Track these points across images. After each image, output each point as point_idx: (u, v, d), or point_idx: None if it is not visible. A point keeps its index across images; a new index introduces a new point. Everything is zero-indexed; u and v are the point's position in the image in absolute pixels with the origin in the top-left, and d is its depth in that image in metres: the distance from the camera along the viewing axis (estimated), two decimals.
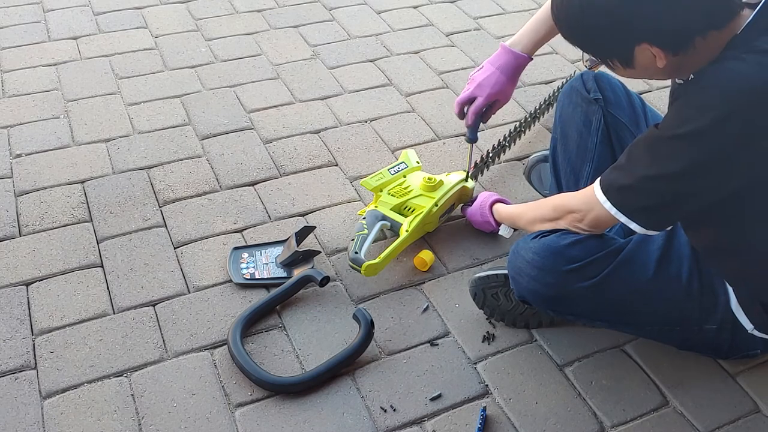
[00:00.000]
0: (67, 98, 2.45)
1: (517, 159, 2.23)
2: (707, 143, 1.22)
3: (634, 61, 1.28)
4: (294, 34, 2.85)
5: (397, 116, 2.42)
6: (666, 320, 1.51)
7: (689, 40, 1.22)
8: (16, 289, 1.79)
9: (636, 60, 1.28)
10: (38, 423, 1.51)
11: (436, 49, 2.79)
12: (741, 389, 1.60)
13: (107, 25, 2.86)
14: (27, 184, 2.10)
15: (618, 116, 1.76)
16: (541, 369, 1.63)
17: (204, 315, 1.74)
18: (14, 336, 1.68)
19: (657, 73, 1.30)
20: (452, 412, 1.55)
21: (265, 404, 1.56)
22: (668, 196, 1.30)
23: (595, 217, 1.41)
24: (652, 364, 1.64)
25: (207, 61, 2.67)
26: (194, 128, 2.34)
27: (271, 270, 1.83)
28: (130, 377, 1.60)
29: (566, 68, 2.68)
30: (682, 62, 1.26)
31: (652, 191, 1.31)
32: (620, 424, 1.53)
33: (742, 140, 1.21)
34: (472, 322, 1.73)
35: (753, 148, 1.22)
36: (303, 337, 1.69)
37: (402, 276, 1.85)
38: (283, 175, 2.16)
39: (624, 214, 1.35)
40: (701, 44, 1.23)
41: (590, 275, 1.46)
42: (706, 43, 1.23)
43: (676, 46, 1.23)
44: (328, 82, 2.58)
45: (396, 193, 1.90)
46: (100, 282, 1.81)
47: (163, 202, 2.05)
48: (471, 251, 1.91)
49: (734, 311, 1.44)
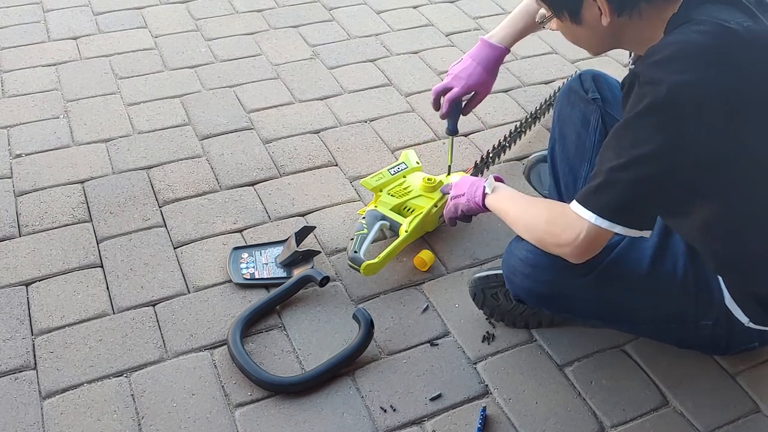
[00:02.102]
0: (67, 98, 2.45)
1: (517, 159, 2.24)
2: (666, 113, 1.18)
3: (581, 15, 1.29)
4: (294, 34, 2.85)
5: (396, 116, 2.42)
6: (662, 317, 1.51)
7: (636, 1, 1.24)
8: (15, 289, 1.79)
9: (583, 15, 1.29)
10: (38, 423, 1.51)
11: (435, 49, 2.79)
12: (741, 389, 1.60)
13: (107, 25, 2.87)
14: (27, 184, 2.10)
15: (616, 116, 1.76)
16: (541, 369, 1.63)
17: (204, 315, 1.74)
18: (14, 336, 1.68)
19: (601, 36, 1.31)
20: (452, 412, 1.55)
21: (265, 404, 1.56)
22: (645, 182, 1.24)
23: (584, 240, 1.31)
24: (652, 364, 1.64)
25: (207, 61, 2.67)
26: (194, 128, 2.34)
27: (271, 270, 1.83)
28: (130, 377, 1.60)
29: (566, 68, 2.68)
30: (624, 28, 1.28)
31: (627, 182, 1.24)
32: (620, 424, 1.53)
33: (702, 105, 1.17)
34: (472, 322, 1.73)
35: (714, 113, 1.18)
36: (303, 337, 1.69)
37: (402, 276, 1.85)
38: (283, 175, 2.16)
39: (606, 219, 1.27)
40: (646, 11, 1.25)
41: (584, 272, 1.45)
42: (649, 12, 1.25)
43: (623, 4, 1.25)
44: (327, 82, 2.58)
45: (396, 193, 1.90)
46: (99, 282, 1.81)
47: (163, 202, 2.05)
48: (471, 251, 1.91)
49: (728, 306, 1.44)
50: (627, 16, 1.26)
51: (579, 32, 1.34)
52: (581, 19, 1.30)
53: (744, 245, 1.38)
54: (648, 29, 1.27)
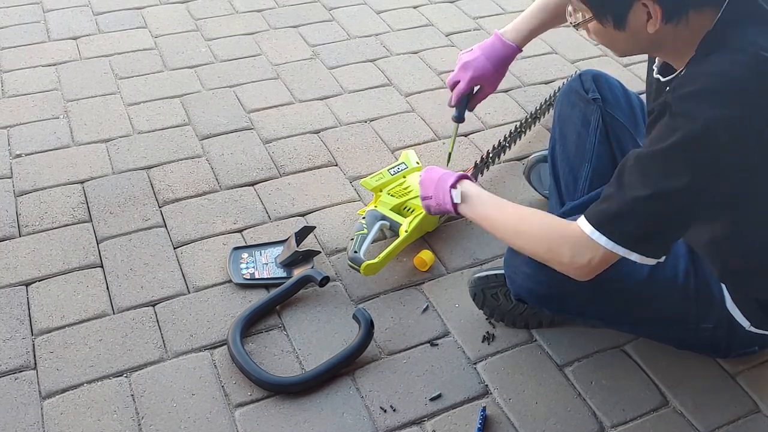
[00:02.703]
0: (67, 98, 2.45)
1: (517, 159, 2.24)
2: (701, 149, 1.16)
3: (626, 21, 1.22)
4: (294, 34, 2.85)
5: (396, 116, 2.42)
6: (662, 318, 1.51)
7: (686, 8, 1.19)
8: (15, 289, 1.79)
9: (629, 21, 1.22)
10: (38, 423, 1.51)
11: (435, 49, 2.79)
12: (741, 389, 1.60)
13: (107, 25, 2.86)
14: (27, 184, 2.10)
15: (616, 116, 1.76)
16: (541, 369, 1.63)
17: (204, 315, 1.74)
18: (14, 336, 1.68)
19: (640, 42, 1.25)
20: (452, 412, 1.55)
21: (265, 404, 1.56)
22: (669, 215, 1.23)
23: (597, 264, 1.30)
24: (652, 364, 1.64)
25: (207, 61, 2.67)
26: (194, 128, 2.34)
27: (271, 270, 1.83)
28: (130, 377, 1.60)
29: (566, 68, 2.68)
30: (667, 36, 1.22)
31: (651, 214, 1.22)
32: (620, 424, 1.53)
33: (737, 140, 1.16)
34: (472, 322, 1.73)
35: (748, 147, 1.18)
36: (303, 337, 1.69)
37: (402, 276, 1.85)
38: (283, 175, 2.16)
39: (623, 246, 1.25)
40: (693, 19, 1.20)
41: None
42: (694, 21, 1.20)
43: (673, 11, 1.19)
44: (327, 82, 2.58)
45: (396, 193, 1.90)
46: (99, 282, 1.81)
47: (163, 202, 2.05)
48: (471, 251, 1.91)
49: (729, 310, 1.44)
50: (674, 23, 1.20)
51: (618, 37, 1.26)
52: (625, 25, 1.23)
53: (750, 259, 1.38)
54: (689, 40, 1.22)
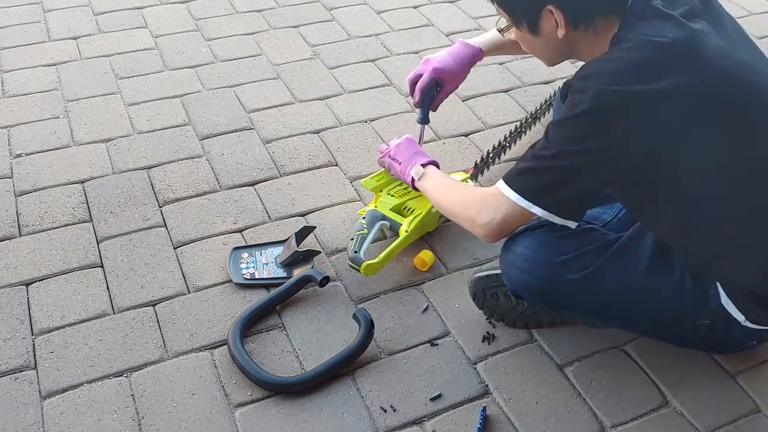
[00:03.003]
0: (67, 98, 2.46)
1: (517, 159, 2.23)
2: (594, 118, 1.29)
3: (539, 26, 1.38)
4: (294, 34, 2.85)
5: (397, 116, 2.42)
6: (659, 315, 1.52)
7: (592, 15, 1.34)
8: (16, 289, 1.79)
9: (541, 26, 1.38)
10: (38, 423, 1.51)
11: (435, 49, 2.76)
12: (741, 389, 1.60)
13: (107, 25, 2.87)
14: (27, 184, 2.10)
15: None
16: (541, 369, 1.63)
17: (204, 315, 1.74)
18: (14, 336, 1.68)
19: (555, 47, 1.42)
20: (452, 412, 1.55)
21: (265, 404, 1.56)
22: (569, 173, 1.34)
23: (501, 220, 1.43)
24: (652, 364, 1.64)
25: (207, 61, 2.67)
26: (194, 128, 2.34)
27: (271, 270, 1.83)
28: (130, 377, 1.60)
29: (566, 68, 2.68)
30: (578, 41, 1.38)
31: (551, 168, 1.35)
32: (620, 424, 1.53)
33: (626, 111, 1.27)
34: (472, 322, 1.73)
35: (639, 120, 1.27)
36: (303, 337, 1.69)
37: (402, 276, 1.85)
38: (283, 175, 2.16)
39: (526, 199, 1.37)
40: (600, 25, 1.34)
41: (581, 267, 1.47)
42: (602, 27, 1.34)
43: (578, 18, 1.34)
44: (328, 82, 2.58)
45: (396, 193, 1.90)
46: (100, 282, 1.81)
47: (163, 202, 2.05)
48: (471, 251, 1.91)
49: (725, 305, 1.45)
50: (582, 29, 1.36)
51: (536, 42, 1.44)
52: (539, 30, 1.40)
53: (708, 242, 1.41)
54: (600, 44, 1.35)
